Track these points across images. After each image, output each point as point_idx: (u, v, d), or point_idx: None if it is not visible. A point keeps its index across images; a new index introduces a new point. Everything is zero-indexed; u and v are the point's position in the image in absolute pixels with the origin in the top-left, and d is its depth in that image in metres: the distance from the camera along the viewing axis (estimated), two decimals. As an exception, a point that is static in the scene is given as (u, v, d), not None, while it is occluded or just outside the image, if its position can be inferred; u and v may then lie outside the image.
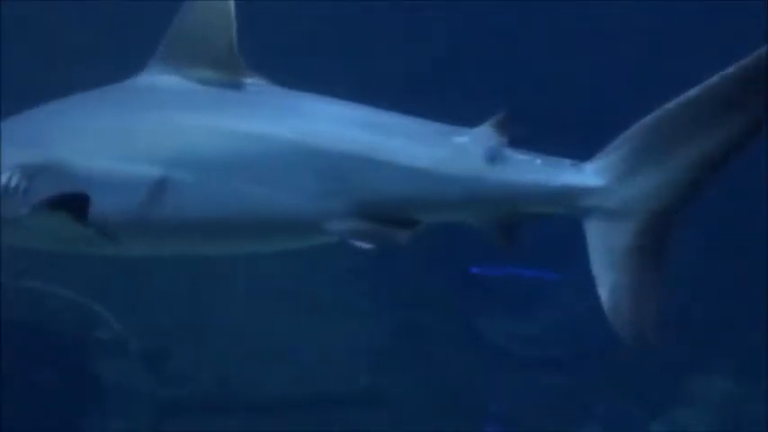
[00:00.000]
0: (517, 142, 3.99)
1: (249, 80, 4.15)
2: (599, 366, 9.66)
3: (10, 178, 3.86)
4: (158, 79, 4.17)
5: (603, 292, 3.73)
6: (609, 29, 9.83)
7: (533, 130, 4.01)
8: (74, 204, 3.74)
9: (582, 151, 3.94)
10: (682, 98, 3.64)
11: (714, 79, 3.58)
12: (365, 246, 3.95)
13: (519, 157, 3.95)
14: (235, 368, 9.60)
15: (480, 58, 10.05)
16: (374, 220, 3.94)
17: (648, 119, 3.71)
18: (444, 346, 9.89)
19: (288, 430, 9.28)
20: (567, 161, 3.91)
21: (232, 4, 4.11)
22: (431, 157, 3.95)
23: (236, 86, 4.13)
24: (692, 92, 3.63)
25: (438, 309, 9.89)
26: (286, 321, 9.73)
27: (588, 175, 3.82)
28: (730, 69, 3.55)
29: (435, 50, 10.24)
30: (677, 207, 3.70)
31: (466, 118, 4.14)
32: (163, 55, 4.19)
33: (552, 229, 4.11)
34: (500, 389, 9.62)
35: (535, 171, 3.90)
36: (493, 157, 3.93)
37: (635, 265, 3.70)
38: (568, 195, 3.84)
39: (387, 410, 9.53)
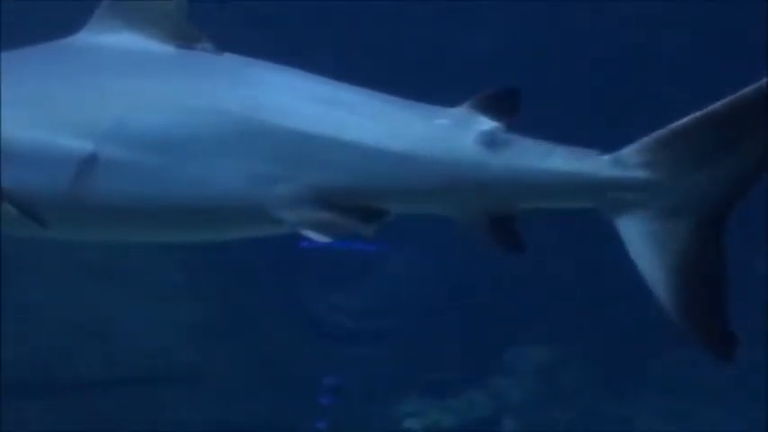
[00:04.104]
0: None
1: (199, 45, 3.72)
2: (420, 337, 9.74)
3: None
4: (97, 40, 3.70)
5: (667, 297, 3.49)
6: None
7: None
8: None
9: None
10: (749, 90, 3.41)
11: None
12: (321, 238, 3.57)
13: (528, 142, 3.60)
14: (44, 348, 9.01)
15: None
16: (332, 208, 3.56)
17: (712, 110, 3.47)
18: (269, 320, 9.64)
19: (104, 411, 8.81)
20: (589, 150, 3.59)
21: None
22: (408, 138, 3.56)
23: (184, 52, 3.70)
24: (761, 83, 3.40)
25: (261, 281, 9.62)
26: (98, 297, 9.19)
27: (634, 169, 3.54)
28: None
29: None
30: (735, 202, 3.52)
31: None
32: (104, 12, 3.74)
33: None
34: (329, 361, 9.51)
35: (561, 159, 3.56)
36: (491, 141, 3.57)
37: (701, 265, 3.50)
38: (611, 188, 3.54)
39: (212, 387, 9.19)
